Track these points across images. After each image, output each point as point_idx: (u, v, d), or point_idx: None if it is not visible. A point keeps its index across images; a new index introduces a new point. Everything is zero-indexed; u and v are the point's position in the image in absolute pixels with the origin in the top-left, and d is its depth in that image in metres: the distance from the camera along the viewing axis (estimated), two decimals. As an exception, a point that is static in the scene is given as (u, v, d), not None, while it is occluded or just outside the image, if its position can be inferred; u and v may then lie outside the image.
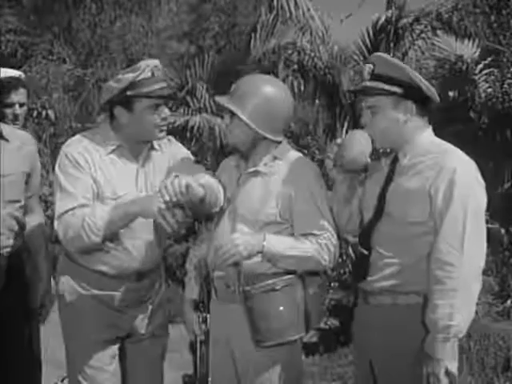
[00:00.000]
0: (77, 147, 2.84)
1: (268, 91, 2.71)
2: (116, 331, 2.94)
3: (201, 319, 2.84)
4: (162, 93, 2.80)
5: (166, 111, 2.83)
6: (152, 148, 2.93)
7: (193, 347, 2.90)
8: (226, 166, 2.93)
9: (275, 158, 2.76)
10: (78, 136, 2.93)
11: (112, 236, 2.77)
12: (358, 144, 2.59)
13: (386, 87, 2.54)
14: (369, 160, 2.60)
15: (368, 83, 2.59)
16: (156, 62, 2.85)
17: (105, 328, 2.91)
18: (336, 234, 2.72)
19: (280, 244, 2.65)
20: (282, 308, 2.63)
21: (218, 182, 2.79)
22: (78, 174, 2.78)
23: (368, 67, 2.59)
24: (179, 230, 2.62)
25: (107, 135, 2.88)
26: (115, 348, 2.96)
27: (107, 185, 2.80)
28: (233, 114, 2.71)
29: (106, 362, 2.93)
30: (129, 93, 2.76)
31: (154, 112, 2.80)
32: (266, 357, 2.69)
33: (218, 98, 2.78)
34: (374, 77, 2.57)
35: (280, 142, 2.78)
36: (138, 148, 2.88)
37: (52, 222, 2.83)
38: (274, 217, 2.70)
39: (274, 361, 2.71)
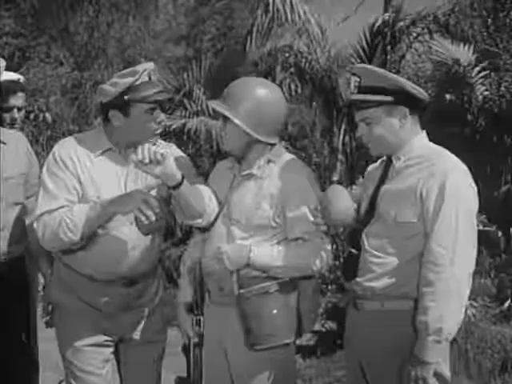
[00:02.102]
0: (66, 148, 2.84)
1: (260, 93, 2.71)
2: (107, 336, 2.92)
3: (195, 322, 2.83)
4: (158, 97, 2.79)
5: (161, 115, 2.83)
6: None
7: (186, 350, 2.89)
8: (220, 169, 2.92)
9: (269, 160, 2.76)
10: (70, 137, 2.94)
11: (90, 234, 2.75)
12: (342, 198, 2.62)
13: (376, 98, 2.55)
14: (354, 214, 2.63)
15: (357, 96, 2.60)
16: (152, 65, 2.84)
17: (95, 332, 2.89)
18: (329, 238, 2.73)
19: (266, 255, 2.66)
20: (275, 311, 2.64)
21: (211, 194, 2.79)
22: (63, 174, 2.78)
23: (354, 80, 2.59)
24: (157, 221, 2.63)
25: (99, 138, 2.87)
26: (108, 352, 2.95)
27: (92, 187, 2.79)
28: (226, 118, 2.71)
29: (97, 366, 2.92)
30: (126, 97, 2.75)
31: (150, 116, 2.79)
32: (259, 359, 2.69)
33: (210, 103, 2.78)
34: (362, 89, 2.58)
35: (274, 145, 2.78)
36: (129, 152, 2.85)
37: None
38: (267, 220, 2.70)
39: (267, 363, 2.71)
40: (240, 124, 2.67)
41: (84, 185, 2.79)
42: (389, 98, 2.55)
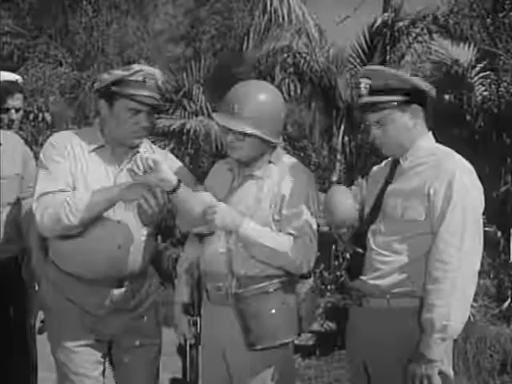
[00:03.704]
0: (62, 138, 2.86)
1: (265, 97, 2.70)
2: (96, 336, 2.89)
3: (191, 322, 2.83)
4: (144, 99, 2.77)
5: (143, 122, 2.79)
6: (138, 153, 2.88)
7: (182, 351, 2.87)
8: (219, 170, 2.92)
9: (270, 162, 2.77)
10: (66, 131, 2.97)
11: (89, 221, 2.73)
12: (345, 199, 2.62)
13: (391, 98, 2.55)
14: (356, 215, 2.64)
15: (370, 98, 2.58)
16: (155, 71, 2.83)
17: (85, 333, 2.87)
18: (316, 240, 2.71)
19: (256, 231, 2.65)
20: (273, 311, 2.63)
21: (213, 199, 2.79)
22: (61, 160, 2.79)
23: (364, 83, 2.58)
24: (160, 212, 2.64)
25: (94, 134, 2.87)
26: (99, 354, 2.92)
27: (82, 182, 2.79)
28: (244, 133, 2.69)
29: (89, 368, 2.89)
30: (113, 88, 2.76)
31: (132, 116, 2.78)
32: (258, 359, 2.68)
33: (222, 122, 2.70)
34: (374, 91, 2.57)
35: (275, 147, 2.79)
36: (121, 150, 2.86)
37: None
38: (267, 219, 2.70)
39: (266, 363, 2.71)
40: (264, 136, 2.67)
41: (75, 177, 2.79)
42: (401, 97, 2.55)
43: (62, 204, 2.68)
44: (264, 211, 2.70)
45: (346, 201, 2.63)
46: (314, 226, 2.71)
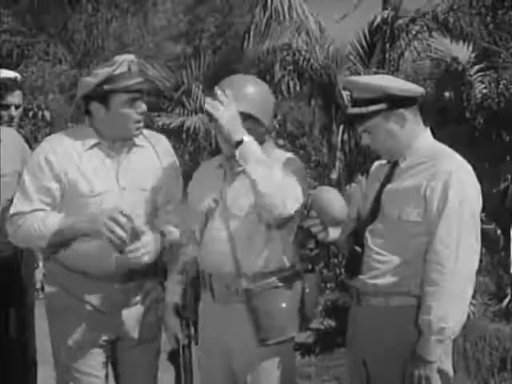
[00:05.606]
0: (46, 148, 2.83)
1: (252, 83, 2.76)
2: (103, 334, 2.89)
3: (184, 323, 2.81)
4: (139, 87, 2.79)
5: (143, 106, 2.82)
6: (135, 145, 2.90)
7: (174, 356, 2.82)
8: (208, 169, 2.90)
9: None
10: (57, 134, 2.94)
11: (61, 244, 2.75)
12: (336, 197, 2.61)
13: (370, 109, 2.55)
14: (347, 213, 2.62)
15: (352, 110, 2.61)
16: (131, 56, 2.84)
17: (90, 330, 2.86)
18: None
19: (260, 152, 2.60)
20: (284, 305, 2.65)
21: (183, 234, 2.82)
22: (41, 176, 2.78)
23: (346, 94, 2.62)
24: (130, 242, 2.63)
25: (87, 132, 2.86)
26: (106, 353, 2.92)
27: (83, 181, 2.79)
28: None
29: (96, 367, 2.89)
30: (106, 87, 2.75)
31: (130, 107, 2.79)
32: (265, 356, 2.69)
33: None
34: (355, 103, 2.60)
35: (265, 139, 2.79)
36: (118, 145, 2.86)
37: None
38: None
39: (271, 359, 2.71)
40: (258, 117, 2.69)
41: (73, 181, 2.78)
42: (382, 106, 2.55)
43: (32, 227, 2.72)
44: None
45: (338, 199, 2.61)
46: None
